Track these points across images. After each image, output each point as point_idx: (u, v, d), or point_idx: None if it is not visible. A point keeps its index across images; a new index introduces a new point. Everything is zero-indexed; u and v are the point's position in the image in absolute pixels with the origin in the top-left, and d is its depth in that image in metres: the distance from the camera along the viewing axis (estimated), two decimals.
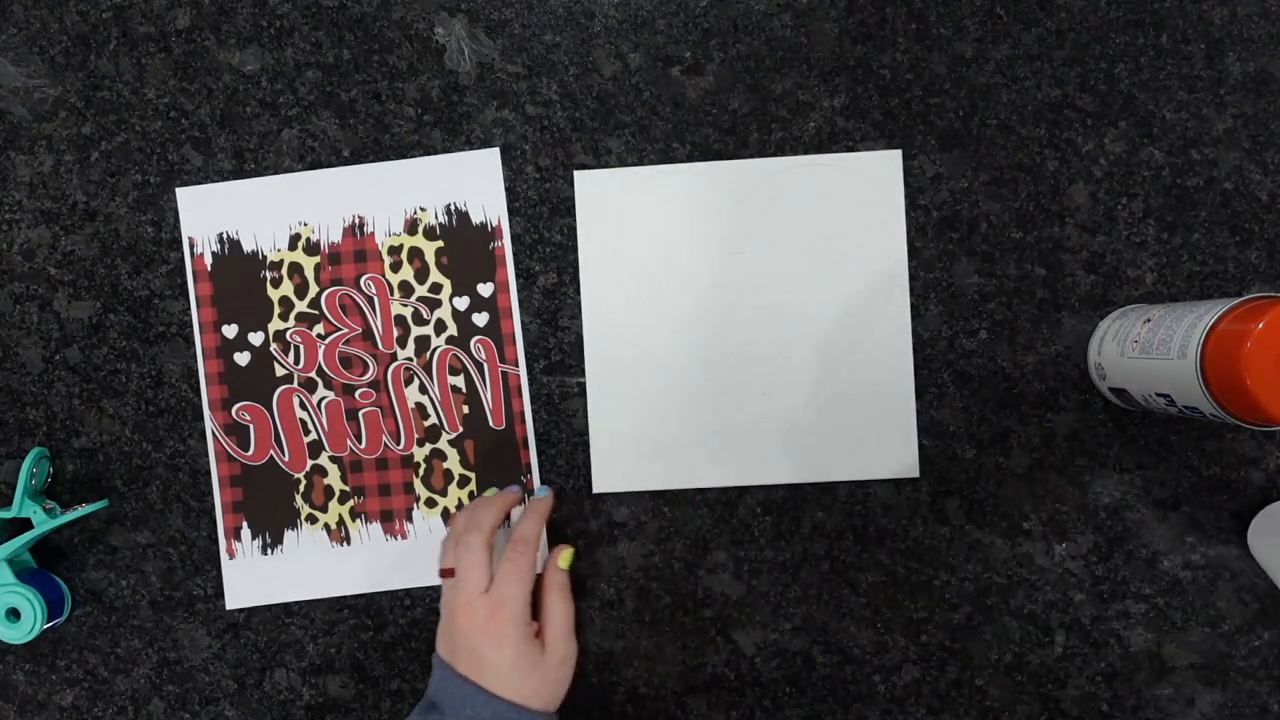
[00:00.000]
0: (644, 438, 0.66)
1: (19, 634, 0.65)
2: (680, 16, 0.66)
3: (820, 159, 0.66)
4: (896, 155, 0.65)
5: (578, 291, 0.66)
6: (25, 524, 0.66)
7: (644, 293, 0.66)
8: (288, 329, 0.67)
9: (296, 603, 0.68)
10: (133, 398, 0.68)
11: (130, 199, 0.67)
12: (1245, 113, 0.65)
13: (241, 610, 0.68)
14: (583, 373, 0.67)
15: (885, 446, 0.66)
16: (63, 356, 0.68)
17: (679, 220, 0.66)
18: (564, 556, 0.63)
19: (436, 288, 0.67)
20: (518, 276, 0.67)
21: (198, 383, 0.67)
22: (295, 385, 0.67)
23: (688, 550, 0.67)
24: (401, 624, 0.68)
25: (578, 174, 0.66)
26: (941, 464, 0.66)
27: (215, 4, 0.66)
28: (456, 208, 0.67)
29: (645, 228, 0.66)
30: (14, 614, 0.65)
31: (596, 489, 0.66)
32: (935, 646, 0.66)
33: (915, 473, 0.66)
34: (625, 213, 0.66)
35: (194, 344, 0.67)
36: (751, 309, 0.66)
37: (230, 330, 0.67)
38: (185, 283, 0.67)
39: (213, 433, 0.67)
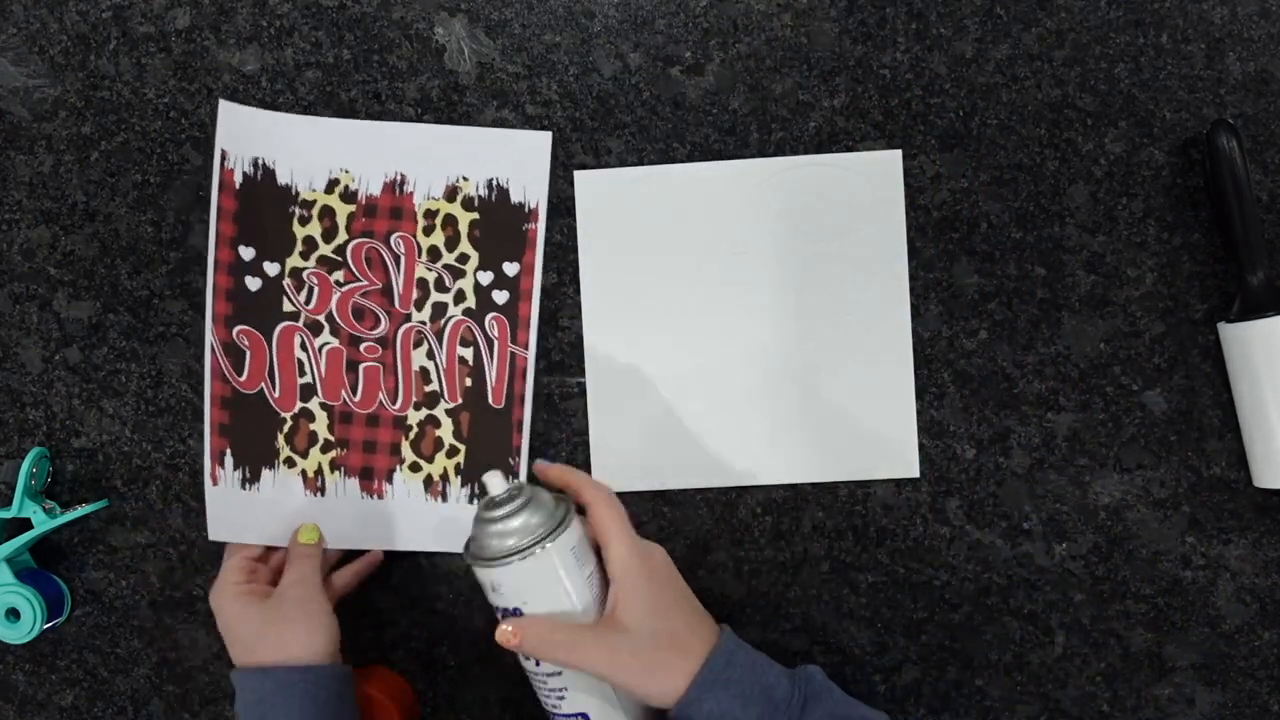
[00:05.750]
0: (644, 438, 0.66)
1: (19, 634, 0.65)
2: (680, 16, 0.66)
3: (820, 159, 0.66)
4: (896, 155, 0.65)
5: (578, 291, 0.66)
6: (25, 524, 0.66)
7: (644, 293, 0.66)
8: (306, 268, 0.67)
9: None
10: (133, 398, 0.68)
11: (130, 199, 0.67)
12: (1245, 113, 0.65)
13: None
14: (583, 373, 0.67)
15: (885, 446, 0.66)
16: (63, 356, 0.68)
17: (679, 220, 0.66)
18: (304, 532, 0.64)
19: (464, 258, 0.67)
20: None
21: (198, 383, 0.67)
22: (300, 324, 0.67)
23: (688, 550, 0.67)
24: (402, 624, 0.68)
25: (578, 174, 0.66)
26: (941, 464, 0.66)
27: (215, 4, 0.66)
28: (498, 183, 0.66)
29: (645, 227, 0.66)
30: (14, 614, 0.65)
31: None
32: (935, 646, 0.66)
33: (915, 473, 0.66)
34: (625, 213, 0.66)
35: (205, 274, 0.66)
36: (751, 309, 0.66)
37: (247, 253, 0.66)
38: (185, 279, 0.67)
39: (211, 347, 0.66)
